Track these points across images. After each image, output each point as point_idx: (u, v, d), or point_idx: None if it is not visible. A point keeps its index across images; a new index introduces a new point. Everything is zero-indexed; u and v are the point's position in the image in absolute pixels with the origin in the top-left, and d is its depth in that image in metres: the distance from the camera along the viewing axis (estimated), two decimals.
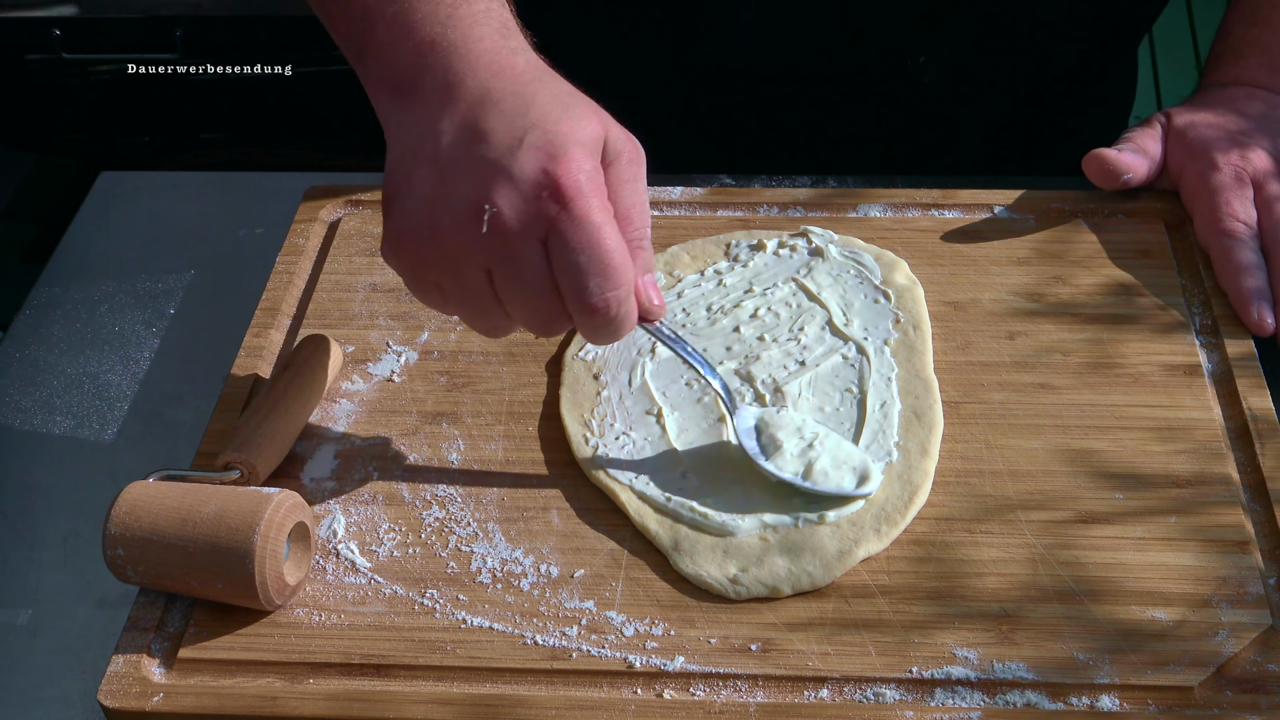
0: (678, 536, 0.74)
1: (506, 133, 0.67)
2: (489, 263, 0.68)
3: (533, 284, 0.68)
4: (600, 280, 0.67)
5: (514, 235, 0.67)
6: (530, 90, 0.69)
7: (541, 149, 0.67)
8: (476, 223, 0.67)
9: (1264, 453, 0.77)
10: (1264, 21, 0.97)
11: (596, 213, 0.67)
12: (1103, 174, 0.93)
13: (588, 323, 0.69)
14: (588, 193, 0.67)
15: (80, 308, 0.97)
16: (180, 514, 0.70)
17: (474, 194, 0.67)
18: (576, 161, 0.67)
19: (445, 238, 0.68)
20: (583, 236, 0.66)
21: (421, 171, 0.69)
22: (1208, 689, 0.67)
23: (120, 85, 2.02)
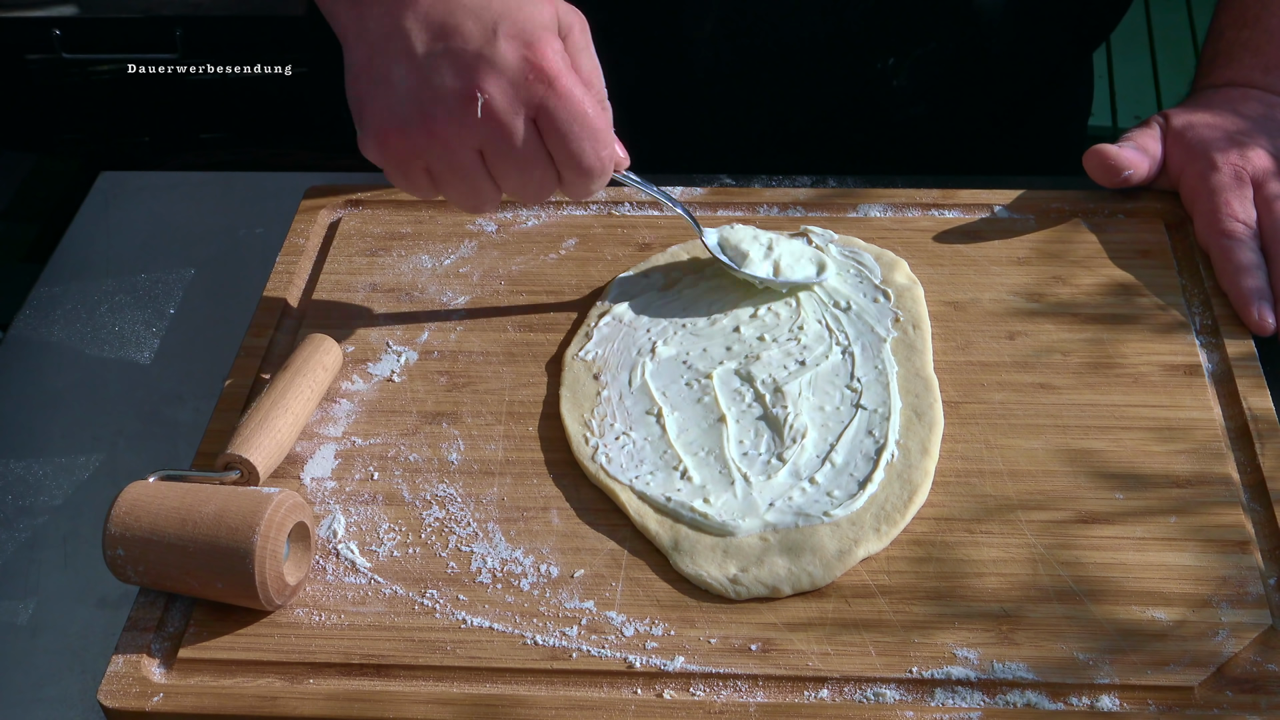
0: (678, 536, 0.74)
1: (478, 25, 0.74)
2: (482, 144, 0.75)
3: (527, 155, 0.75)
4: (593, 144, 0.76)
5: (507, 117, 0.74)
6: None
7: (516, 36, 0.73)
8: (470, 110, 0.73)
9: (1264, 453, 0.77)
10: (1253, 22, 0.97)
11: (577, 86, 0.75)
12: (1104, 170, 0.93)
13: (581, 181, 0.77)
14: (566, 70, 0.74)
15: (80, 308, 0.97)
16: (180, 514, 0.70)
17: (463, 84, 0.73)
18: (550, 44, 0.74)
19: (439, 126, 0.74)
20: (573, 108, 0.74)
21: (400, 69, 0.74)
22: (1208, 689, 0.67)
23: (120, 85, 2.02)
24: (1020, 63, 1.10)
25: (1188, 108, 0.96)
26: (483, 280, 0.92)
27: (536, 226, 0.95)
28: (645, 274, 0.90)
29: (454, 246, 0.94)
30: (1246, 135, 0.92)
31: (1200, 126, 0.93)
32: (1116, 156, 0.92)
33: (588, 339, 0.86)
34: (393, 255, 0.94)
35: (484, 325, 0.89)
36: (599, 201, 0.97)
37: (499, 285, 0.91)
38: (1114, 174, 0.92)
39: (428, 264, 0.93)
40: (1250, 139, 0.91)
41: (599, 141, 0.76)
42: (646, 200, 0.97)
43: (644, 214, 0.96)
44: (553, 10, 0.76)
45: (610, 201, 0.97)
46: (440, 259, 0.93)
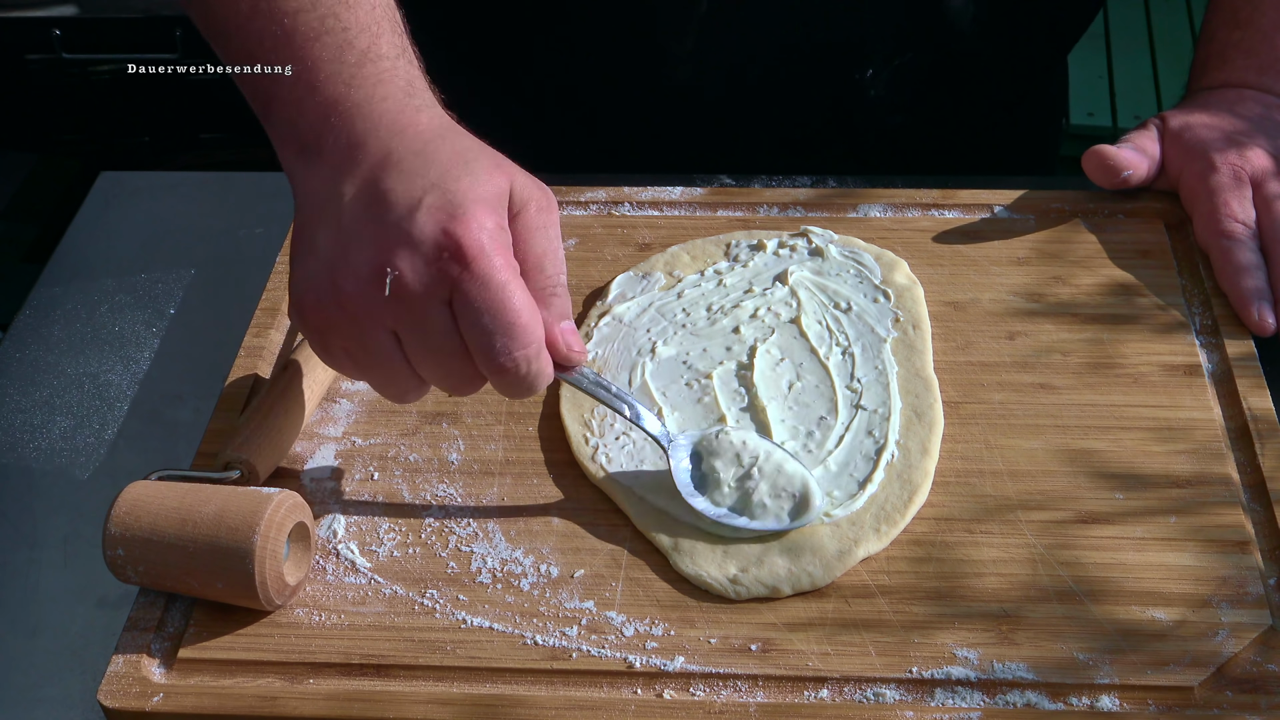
0: (678, 536, 0.74)
1: (406, 193, 0.67)
2: (395, 326, 0.68)
3: (441, 346, 0.68)
4: (507, 340, 0.66)
5: (417, 298, 0.66)
6: (432, 148, 0.68)
7: (441, 209, 0.66)
8: (379, 286, 0.66)
9: (1264, 453, 0.77)
10: (1245, 23, 0.97)
11: (500, 271, 0.66)
12: (1103, 170, 0.93)
13: (499, 381, 0.69)
14: (490, 251, 0.66)
15: (80, 308, 0.97)
16: (180, 514, 0.70)
17: (375, 257, 0.66)
18: (477, 220, 0.66)
19: (348, 301, 0.67)
20: (487, 297, 0.66)
21: (324, 234, 0.68)
22: (1208, 689, 0.67)
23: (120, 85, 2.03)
24: (995, 69, 1.10)
25: (1185, 109, 0.96)
26: None
27: None
28: (645, 274, 0.90)
29: None
30: (1245, 135, 0.92)
31: (1198, 127, 0.93)
32: (1115, 157, 0.92)
33: (588, 339, 0.86)
34: None
35: None
36: (599, 202, 0.97)
37: None
38: (1113, 174, 0.92)
39: None
40: (1249, 139, 0.91)
41: (514, 337, 0.66)
42: (647, 200, 0.97)
43: (644, 214, 0.96)
44: (503, 182, 0.69)
45: (610, 202, 0.97)
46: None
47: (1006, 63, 1.10)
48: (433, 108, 0.72)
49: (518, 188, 0.70)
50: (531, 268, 0.69)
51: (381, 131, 0.69)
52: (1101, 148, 0.93)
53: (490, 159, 0.69)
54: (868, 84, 1.05)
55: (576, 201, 0.97)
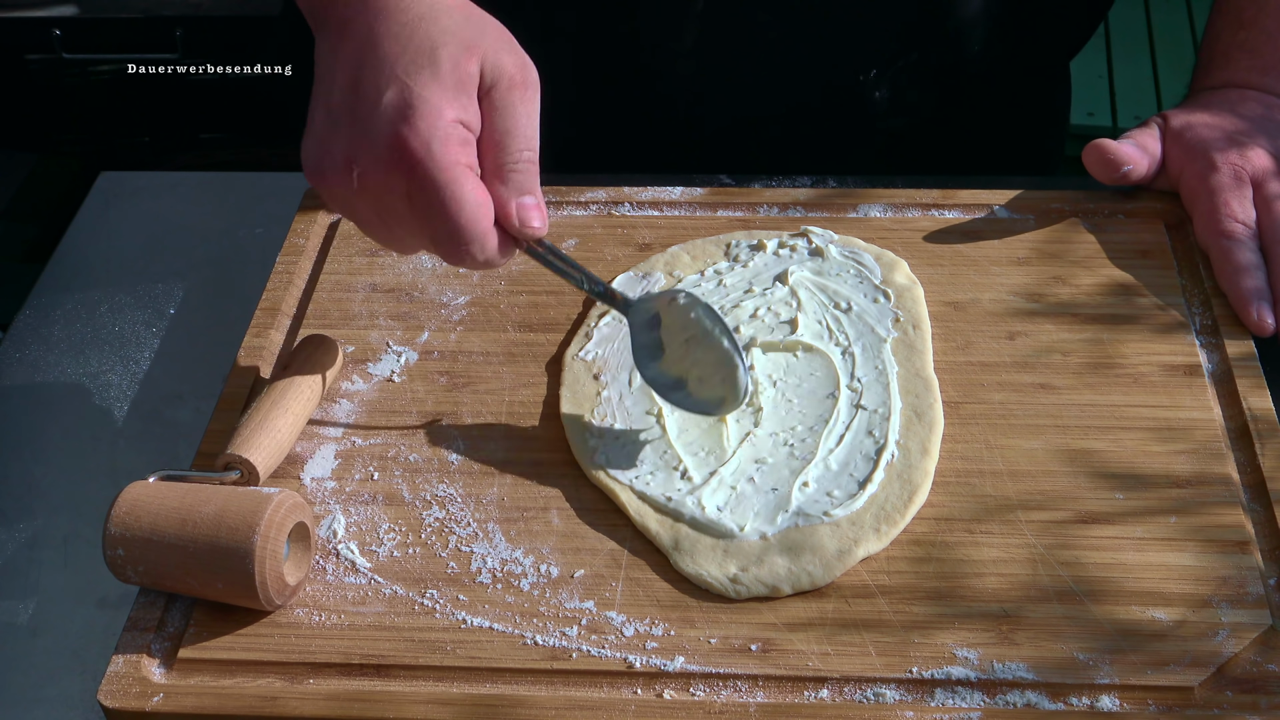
0: (678, 536, 0.74)
1: (374, 86, 0.71)
2: (372, 207, 0.73)
3: (411, 224, 0.73)
4: (452, 237, 0.71)
5: (379, 191, 0.72)
6: (408, 31, 0.72)
7: (396, 108, 0.70)
8: (349, 176, 0.72)
9: (1264, 453, 0.77)
10: (1249, 24, 0.97)
11: (441, 172, 0.70)
12: (1102, 164, 0.93)
13: (455, 260, 0.73)
14: (435, 152, 0.70)
15: (80, 308, 0.97)
16: (180, 514, 0.70)
17: (345, 151, 0.72)
18: (426, 119, 0.70)
19: (331, 181, 0.73)
20: (430, 197, 0.70)
21: (319, 114, 0.74)
22: (1208, 689, 0.67)
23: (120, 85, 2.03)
24: (1001, 74, 1.10)
25: (1186, 109, 0.96)
26: (483, 280, 0.92)
27: None
28: (645, 274, 0.90)
29: None
30: (1246, 135, 0.92)
31: (1199, 127, 0.93)
32: (1116, 151, 0.92)
33: (588, 339, 0.86)
34: (393, 255, 0.94)
35: (484, 325, 0.89)
36: (599, 202, 0.97)
37: (499, 285, 0.91)
38: (1113, 169, 0.92)
39: (428, 264, 0.93)
40: (1249, 139, 0.91)
41: (457, 234, 0.71)
42: (647, 200, 0.97)
43: (644, 214, 0.96)
44: (471, 66, 0.72)
45: (610, 202, 0.97)
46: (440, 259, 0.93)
47: (1011, 67, 1.10)
48: None
49: (489, 66, 0.73)
50: (493, 145, 0.73)
51: (369, 9, 0.73)
52: (1102, 142, 0.93)
53: (459, 41, 0.72)
54: (871, 84, 1.05)
55: (576, 201, 0.97)
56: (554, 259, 0.77)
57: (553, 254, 0.77)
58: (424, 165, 0.70)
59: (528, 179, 0.74)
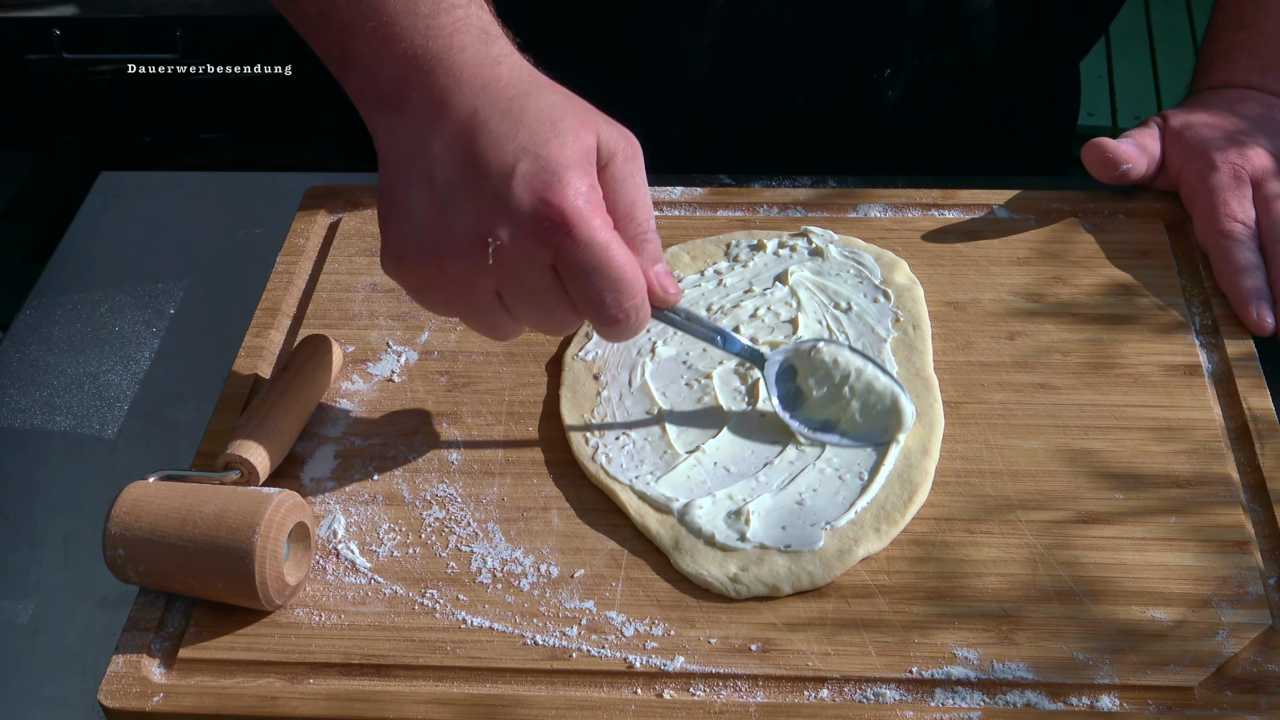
0: (678, 535, 0.74)
1: (499, 159, 0.68)
2: (497, 285, 0.70)
3: (544, 301, 0.70)
4: (616, 295, 0.69)
5: (520, 263, 0.69)
6: (517, 107, 0.69)
7: (535, 176, 0.68)
8: (481, 253, 0.68)
9: (1264, 453, 0.77)
10: (1250, 24, 0.97)
11: (600, 232, 0.68)
12: (1101, 163, 0.93)
13: (608, 331, 0.71)
14: (588, 215, 0.68)
15: (80, 308, 0.97)
16: (180, 514, 0.70)
17: (476, 226, 0.68)
18: (572, 185, 0.68)
19: (450, 265, 0.69)
20: (591, 258, 0.68)
21: (420, 195, 0.70)
22: (1208, 689, 0.67)
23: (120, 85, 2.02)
24: (1013, 72, 1.10)
25: (1186, 108, 0.96)
26: None
27: None
28: None
29: None
30: (1245, 135, 0.92)
31: (1199, 126, 0.93)
32: (1115, 150, 0.92)
33: (588, 339, 0.86)
34: None
35: None
36: None
37: None
38: (1111, 167, 0.92)
39: None
40: (1249, 139, 0.91)
41: (622, 291, 0.69)
42: None
43: None
44: (590, 138, 0.70)
45: None
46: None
47: (1023, 67, 1.10)
48: (511, 56, 0.73)
49: (603, 140, 0.71)
50: (622, 217, 0.71)
51: (464, 87, 0.70)
52: (1101, 140, 0.93)
53: (575, 115, 0.71)
54: (885, 84, 1.05)
55: None
56: (687, 321, 0.77)
57: (685, 316, 0.77)
58: (580, 227, 0.67)
59: (657, 248, 0.73)
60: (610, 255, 0.68)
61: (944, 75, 1.07)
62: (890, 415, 0.77)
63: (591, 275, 0.68)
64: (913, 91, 1.06)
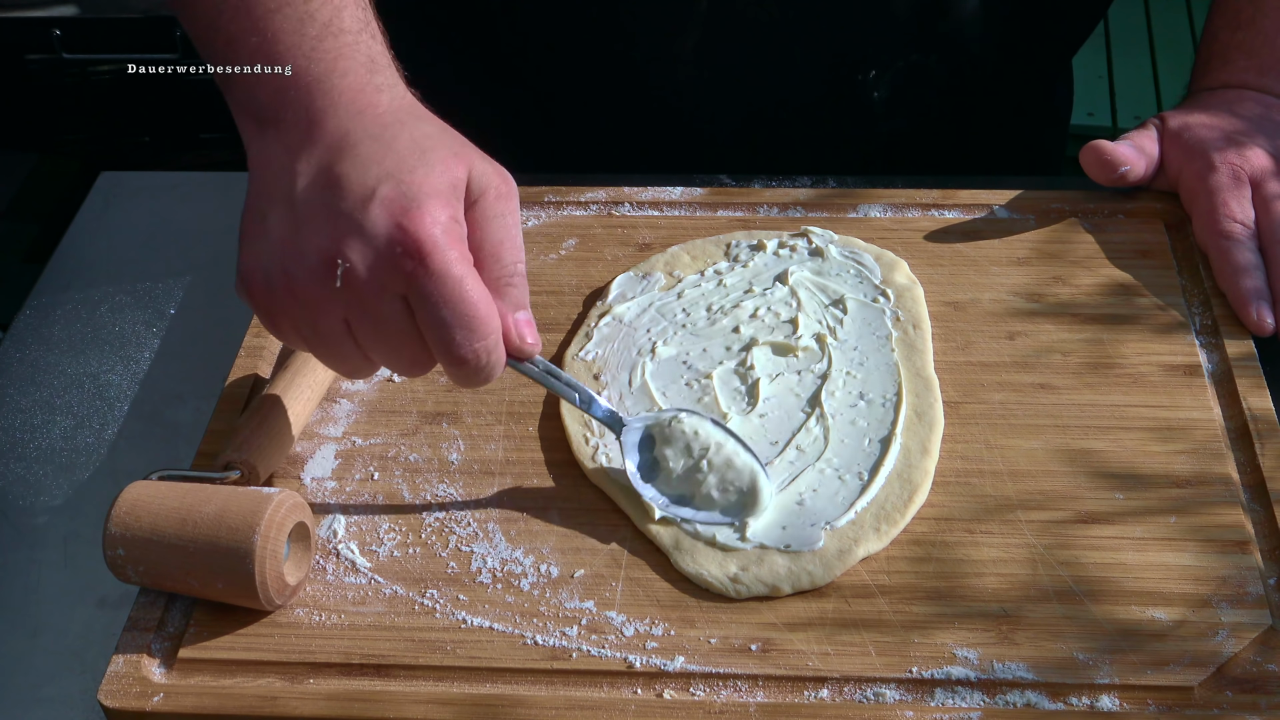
0: (678, 535, 0.74)
1: (360, 182, 0.66)
2: (346, 314, 0.67)
3: (394, 334, 0.68)
4: (466, 333, 0.66)
5: (370, 290, 0.66)
6: (390, 134, 0.68)
7: (394, 201, 0.65)
8: (330, 276, 0.66)
9: (1264, 453, 0.77)
10: (1247, 24, 0.97)
11: (455, 265, 0.66)
12: (1100, 165, 0.92)
13: (455, 371, 0.68)
14: (444, 246, 0.65)
15: (80, 308, 0.97)
16: (180, 514, 0.70)
17: (327, 246, 0.66)
18: (431, 214, 0.66)
19: (299, 287, 0.67)
20: (444, 291, 0.65)
21: (276, 213, 0.68)
22: (1208, 689, 0.67)
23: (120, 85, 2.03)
24: (1001, 74, 1.10)
25: (1185, 109, 0.96)
26: None
27: (537, 226, 0.95)
28: (645, 274, 0.90)
29: None
30: (1244, 135, 0.92)
31: (1198, 127, 0.93)
32: (1113, 152, 0.92)
33: (588, 339, 0.86)
34: None
35: None
36: (599, 202, 0.97)
37: None
38: (1110, 170, 0.92)
39: None
40: (1248, 139, 0.91)
41: (474, 330, 0.66)
42: (647, 200, 0.97)
43: (644, 214, 0.96)
44: (459, 171, 0.68)
45: (610, 202, 0.97)
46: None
47: (1012, 67, 1.10)
48: (395, 87, 0.71)
49: (475, 175, 0.69)
50: (487, 257, 0.69)
51: (340, 110, 0.68)
52: (1099, 143, 0.93)
53: (448, 147, 0.69)
54: (871, 85, 1.05)
55: (576, 201, 0.97)
56: (547, 375, 0.74)
57: (544, 369, 0.74)
58: (435, 257, 0.65)
59: (523, 294, 0.71)
60: (464, 290, 0.66)
61: (931, 77, 1.07)
62: (748, 494, 0.73)
63: (442, 309, 0.65)
64: (900, 93, 1.06)
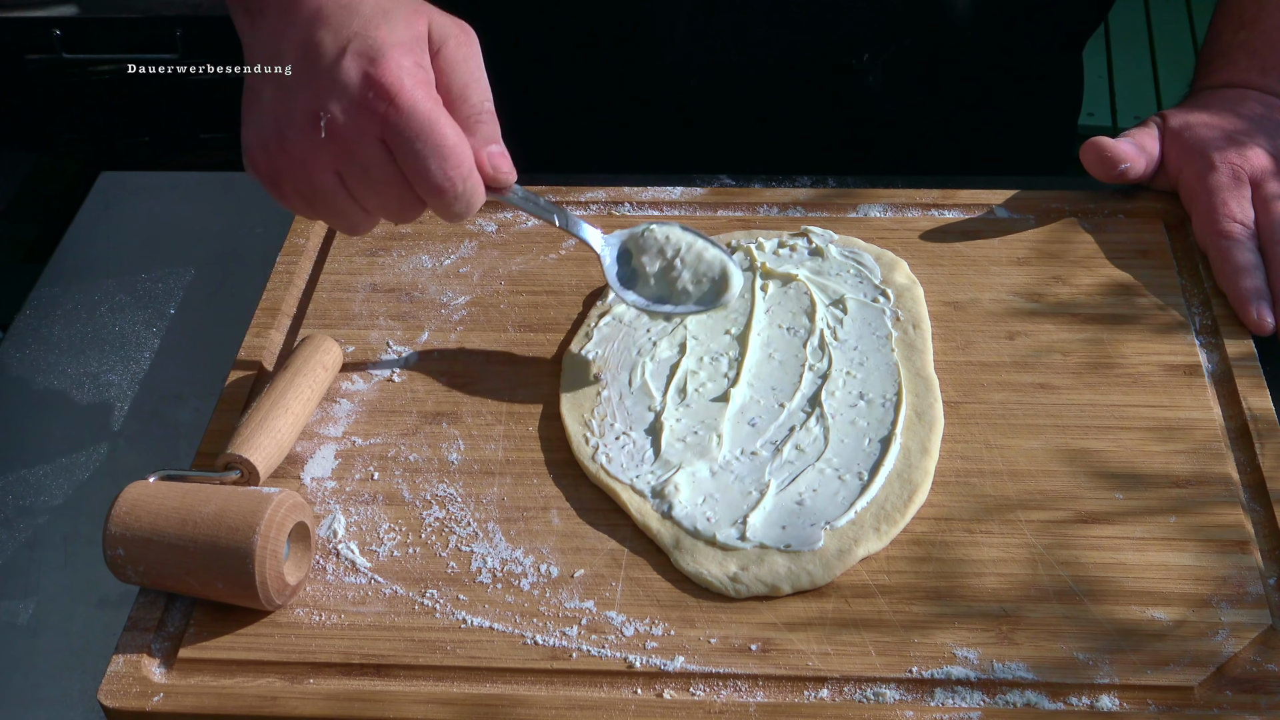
0: (679, 535, 0.74)
1: (333, 43, 0.74)
2: (336, 165, 0.74)
3: (380, 178, 0.74)
4: (439, 162, 0.73)
5: (351, 137, 0.73)
6: (357, 2, 0.75)
7: (362, 54, 0.73)
8: (316, 129, 0.73)
9: (1264, 453, 0.77)
10: (1251, 24, 0.97)
11: (423, 102, 0.72)
12: (1100, 162, 0.92)
13: (438, 203, 0.75)
14: (410, 87, 0.72)
15: (80, 308, 0.97)
16: (180, 514, 0.70)
17: (311, 104, 0.73)
18: (396, 60, 0.72)
19: (291, 146, 0.74)
20: (415, 125, 0.72)
21: (268, 88, 0.76)
22: (1208, 689, 0.67)
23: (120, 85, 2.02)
24: (999, 62, 1.10)
25: (1186, 108, 0.96)
26: (483, 280, 0.92)
27: (536, 227, 0.95)
28: None
29: (454, 246, 0.94)
30: (1245, 135, 0.92)
31: (1198, 126, 0.93)
32: (1113, 149, 0.92)
33: (588, 339, 0.86)
34: (393, 255, 0.94)
35: (484, 325, 0.89)
36: (599, 202, 0.97)
37: (499, 285, 0.91)
38: (1110, 166, 0.92)
39: (428, 264, 0.93)
40: (1249, 139, 0.91)
41: (448, 160, 0.73)
42: (647, 200, 0.97)
43: (644, 214, 0.96)
44: (420, 25, 0.75)
45: (610, 202, 0.97)
46: (440, 259, 0.93)
47: (1011, 55, 1.10)
48: None
49: (435, 27, 0.76)
50: (455, 98, 0.76)
51: None
52: (1099, 140, 0.93)
53: (408, 6, 0.76)
54: (864, 69, 1.05)
55: (576, 202, 0.97)
56: (525, 200, 0.80)
57: (522, 196, 0.80)
58: (402, 96, 0.72)
59: (493, 129, 0.77)
60: (433, 123, 0.72)
61: (926, 61, 1.06)
62: (720, 281, 0.81)
63: (415, 142, 0.72)
64: (894, 78, 1.06)
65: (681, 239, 0.82)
